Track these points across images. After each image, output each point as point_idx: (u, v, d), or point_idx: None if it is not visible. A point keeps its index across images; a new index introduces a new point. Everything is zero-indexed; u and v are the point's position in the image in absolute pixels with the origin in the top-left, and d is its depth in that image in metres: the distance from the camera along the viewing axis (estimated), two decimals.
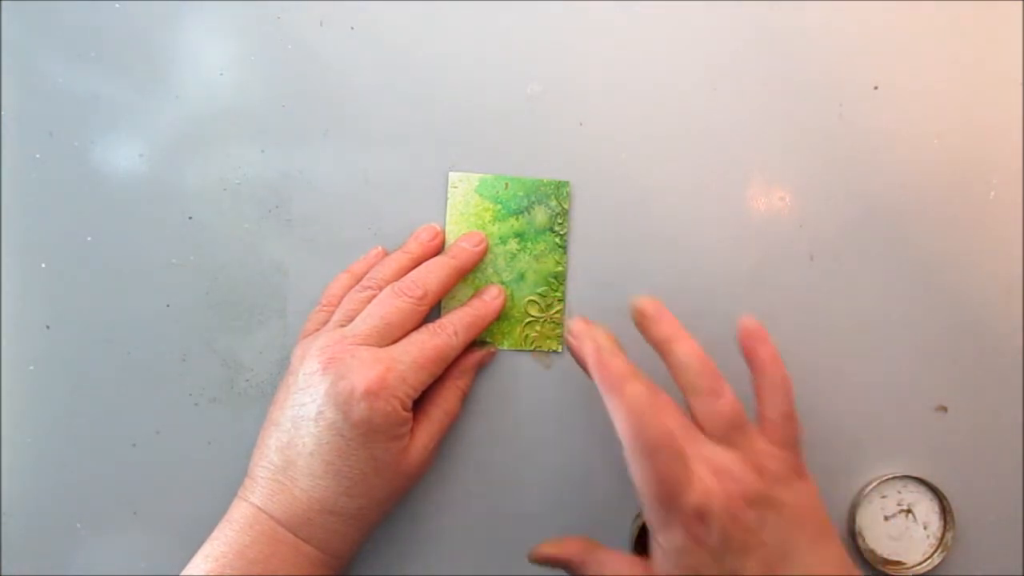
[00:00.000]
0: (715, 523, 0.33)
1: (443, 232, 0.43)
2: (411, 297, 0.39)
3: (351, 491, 0.37)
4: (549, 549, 0.38)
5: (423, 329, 0.40)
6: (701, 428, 0.36)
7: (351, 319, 0.40)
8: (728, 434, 0.36)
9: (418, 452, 0.39)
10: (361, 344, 0.38)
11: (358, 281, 0.42)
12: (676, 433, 0.35)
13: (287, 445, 0.37)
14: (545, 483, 0.43)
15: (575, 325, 0.37)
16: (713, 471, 0.35)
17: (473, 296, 0.43)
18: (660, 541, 0.35)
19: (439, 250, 0.43)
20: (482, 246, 0.43)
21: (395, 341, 0.39)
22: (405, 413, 0.38)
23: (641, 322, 0.38)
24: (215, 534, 0.37)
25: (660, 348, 0.38)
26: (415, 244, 0.42)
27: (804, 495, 0.36)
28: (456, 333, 0.40)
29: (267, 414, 0.39)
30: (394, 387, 0.37)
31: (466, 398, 0.43)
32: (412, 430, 0.39)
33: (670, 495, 0.33)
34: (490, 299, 0.42)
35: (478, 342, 0.43)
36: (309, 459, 0.37)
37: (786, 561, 0.34)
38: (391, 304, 0.39)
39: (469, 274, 0.43)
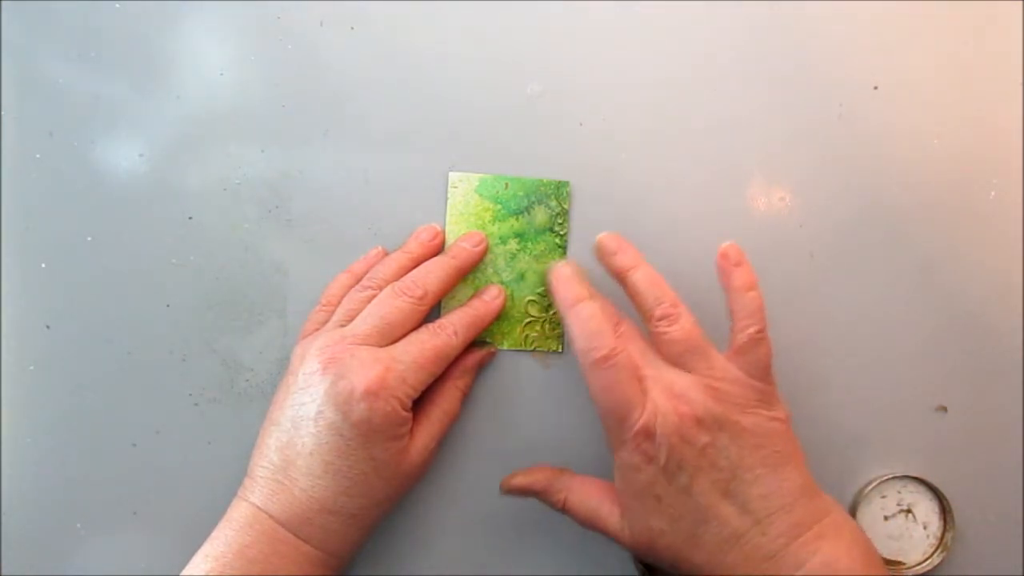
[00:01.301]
0: (662, 441, 0.35)
1: (443, 232, 0.43)
2: (411, 297, 0.40)
3: (350, 491, 0.37)
4: (519, 479, 0.40)
5: (423, 329, 0.40)
6: (660, 353, 0.38)
7: (351, 319, 0.40)
8: (685, 358, 0.37)
9: (418, 452, 0.39)
10: (361, 344, 0.38)
11: (358, 281, 0.42)
12: (633, 356, 0.37)
13: (287, 445, 0.37)
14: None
15: (549, 270, 0.40)
16: (666, 393, 0.36)
17: (473, 296, 0.43)
18: (616, 461, 0.37)
19: (439, 250, 0.43)
20: (482, 246, 0.43)
21: (395, 341, 0.39)
22: (405, 413, 0.38)
23: (602, 256, 0.40)
24: (215, 534, 0.37)
25: (620, 278, 0.39)
26: (415, 244, 0.42)
27: (766, 420, 0.36)
28: (456, 333, 0.40)
29: (267, 414, 0.39)
30: (394, 387, 0.37)
31: (466, 398, 0.43)
32: (412, 430, 0.39)
33: (622, 413, 0.35)
34: (490, 299, 0.42)
35: (478, 342, 0.43)
36: (309, 459, 0.37)
37: (739, 483, 0.35)
38: (391, 304, 0.39)
39: (469, 274, 0.43)
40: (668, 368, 0.37)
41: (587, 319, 0.37)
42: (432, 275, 0.41)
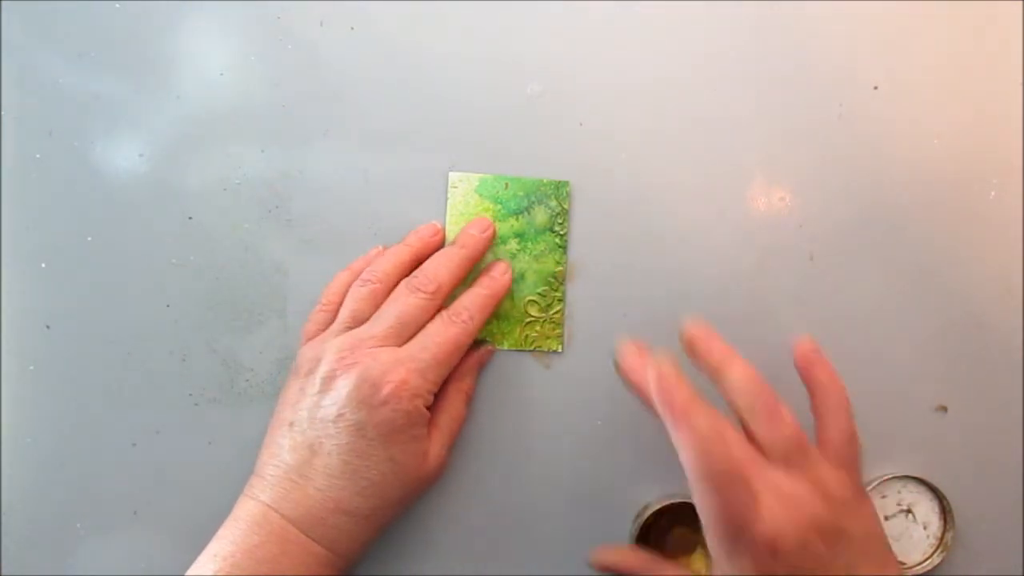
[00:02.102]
0: (786, 554, 0.33)
1: (443, 230, 0.43)
2: (425, 293, 0.40)
3: (366, 491, 0.37)
4: (612, 557, 0.39)
5: (438, 319, 0.40)
6: (762, 453, 0.35)
7: (357, 318, 0.40)
8: (791, 458, 0.35)
9: (432, 459, 0.39)
10: (380, 346, 0.38)
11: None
12: (742, 462, 0.34)
13: (302, 445, 0.37)
14: (546, 483, 0.43)
15: (627, 353, 0.37)
16: (780, 499, 0.33)
17: (480, 275, 0.43)
18: (722, 567, 0.34)
19: (439, 247, 0.43)
20: (490, 231, 0.43)
21: (412, 337, 0.39)
22: (426, 412, 0.38)
23: (692, 349, 0.37)
24: (221, 532, 0.37)
25: (713, 374, 0.37)
26: (415, 238, 0.42)
27: (869, 520, 0.36)
28: (472, 317, 0.40)
29: (274, 414, 0.39)
30: (417, 387, 0.37)
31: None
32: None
33: (739, 526, 0.33)
34: (499, 275, 0.42)
35: (476, 341, 0.43)
36: (327, 459, 0.37)
37: None
38: (405, 302, 0.39)
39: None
40: (772, 469, 0.35)
41: (704, 437, 0.33)
42: (443, 268, 0.41)
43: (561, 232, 0.44)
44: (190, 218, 0.43)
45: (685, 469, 0.33)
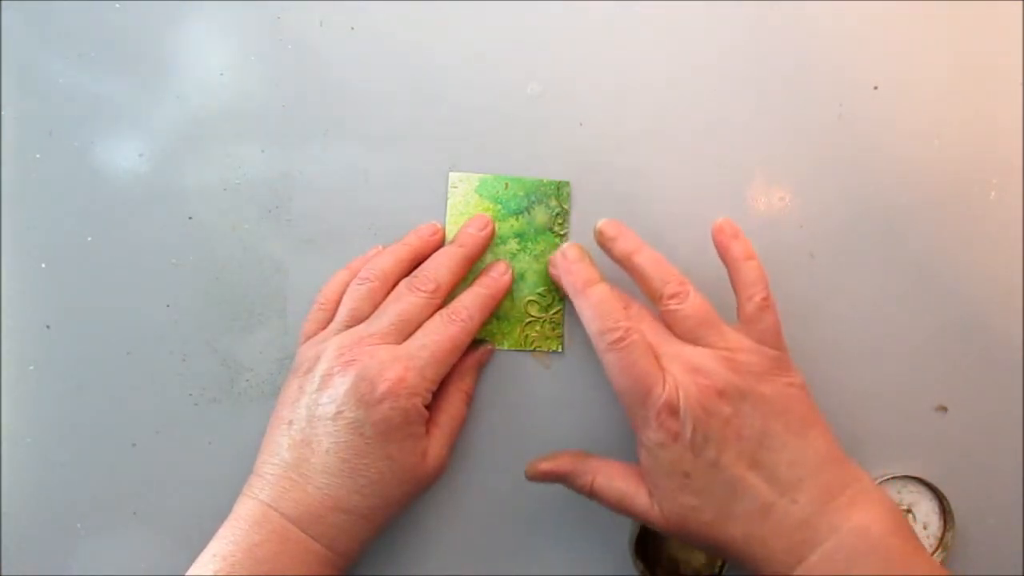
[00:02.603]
0: (687, 416, 0.35)
1: (443, 230, 0.43)
2: (424, 292, 0.40)
3: (365, 490, 0.37)
4: (545, 465, 0.40)
5: (436, 317, 0.40)
6: (672, 331, 0.38)
7: (356, 316, 0.40)
8: (698, 333, 0.37)
9: (431, 459, 0.39)
10: (379, 344, 0.38)
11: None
12: (647, 336, 0.37)
13: (301, 443, 0.37)
14: (545, 483, 0.43)
15: (554, 255, 0.41)
16: (685, 367, 0.36)
17: (480, 274, 0.43)
18: (642, 440, 0.37)
19: (439, 246, 0.43)
20: (488, 229, 0.43)
21: (411, 335, 0.39)
22: (424, 410, 0.38)
23: (604, 242, 0.40)
24: (221, 532, 0.37)
25: (624, 263, 0.40)
26: (414, 237, 0.43)
27: (784, 386, 0.37)
28: (471, 316, 0.40)
29: (273, 413, 0.39)
30: (415, 385, 0.37)
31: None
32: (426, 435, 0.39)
33: (642, 392, 0.36)
34: (498, 275, 0.42)
35: (475, 341, 0.43)
36: (325, 457, 0.37)
37: (765, 451, 0.35)
38: (405, 300, 0.40)
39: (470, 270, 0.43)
40: (683, 344, 0.37)
41: (599, 301, 0.37)
42: (443, 267, 0.41)
43: (561, 232, 0.44)
44: (190, 218, 0.43)
45: (593, 342, 0.37)
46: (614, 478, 0.38)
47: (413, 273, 0.41)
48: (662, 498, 0.36)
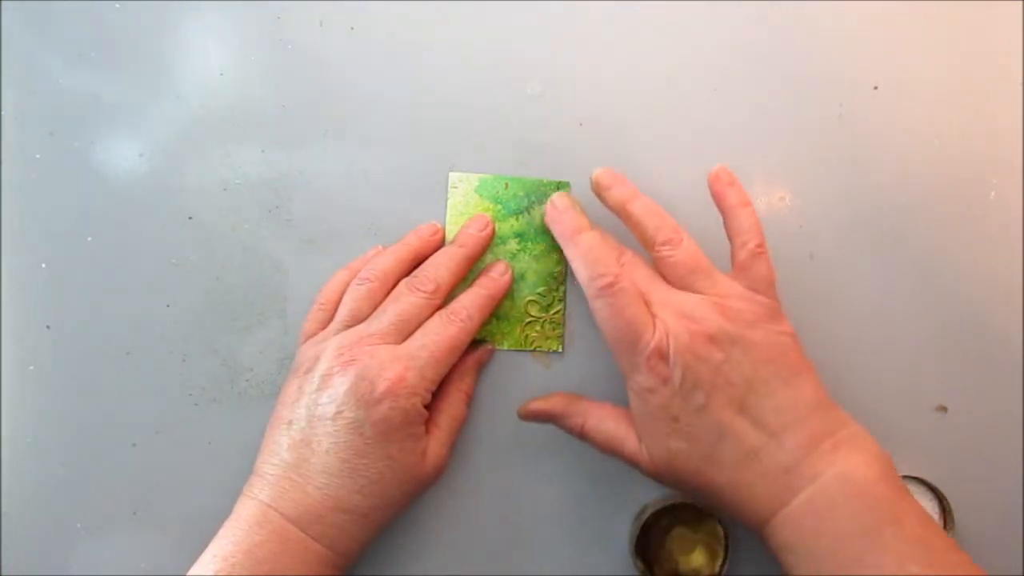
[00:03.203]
0: (676, 361, 0.35)
1: (443, 230, 0.43)
2: (424, 292, 0.40)
3: (365, 490, 0.37)
4: (537, 404, 0.40)
5: (436, 317, 0.40)
6: (664, 278, 0.38)
7: (356, 316, 0.40)
8: (690, 280, 0.37)
9: (431, 458, 0.39)
10: (379, 343, 0.38)
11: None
12: (639, 282, 0.37)
13: (301, 443, 0.37)
14: (545, 483, 0.43)
15: (546, 206, 0.41)
16: (676, 313, 0.36)
17: (480, 275, 0.43)
18: (631, 385, 0.37)
19: (439, 246, 0.43)
20: (488, 229, 0.43)
21: (411, 335, 0.39)
22: (423, 410, 0.38)
23: (599, 191, 0.41)
24: (222, 533, 0.37)
25: (619, 211, 0.40)
26: (414, 237, 0.43)
27: (775, 334, 0.37)
28: (470, 316, 0.40)
29: (273, 413, 0.39)
30: (414, 385, 0.37)
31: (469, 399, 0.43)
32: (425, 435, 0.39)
33: (633, 337, 0.36)
34: (498, 276, 0.42)
35: (475, 341, 0.43)
36: (325, 457, 0.37)
37: (754, 396, 0.35)
38: (405, 300, 0.40)
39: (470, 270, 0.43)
40: (674, 291, 0.38)
41: (589, 248, 0.38)
42: (443, 267, 0.41)
43: None
44: (190, 218, 0.43)
45: (583, 288, 0.37)
46: (605, 420, 0.39)
47: (413, 273, 0.41)
48: (651, 442, 0.36)
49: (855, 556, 0.33)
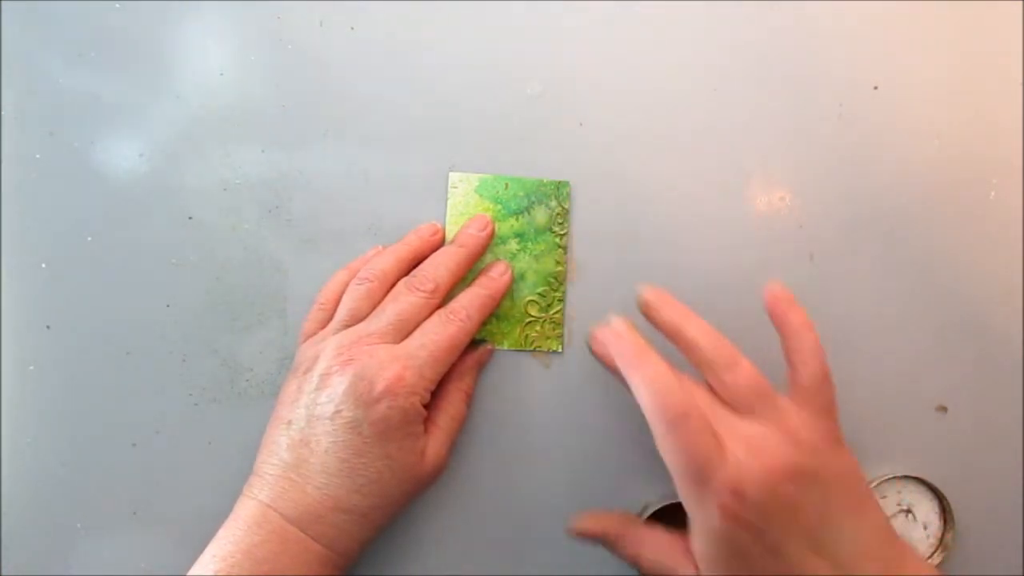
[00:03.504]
0: (753, 499, 0.32)
1: (443, 230, 0.43)
2: (423, 291, 0.40)
3: (363, 489, 0.37)
4: (588, 523, 0.39)
5: (435, 317, 0.40)
6: (725, 405, 0.36)
7: (355, 316, 0.40)
8: (755, 406, 0.35)
9: (430, 458, 0.39)
10: (378, 343, 0.38)
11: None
12: (704, 409, 0.34)
13: (300, 443, 0.37)
14: (546, 482, 0.43)
15: (595, 331, 0.38)
16: (746, 445, 0.33)
17: (480, 274, 0.43)
18: (696, 520, 0.34)
19: (439, 246, 0.43)
20: (488, 229, 0.43)
21: (409, 334, 0.39)
22: (422, 409, 0.38)
23: (647, 311, 0.38)
24: (221, 533, 0.37)
25: (670, 333, 0.37)
26: (415, 237, 0.43)
27: (843, 464, 0.35)
28: (470, 316, 0.40)
29: (273, 412, 0.39)
30: (413, 384, 0.37)
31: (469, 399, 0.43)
32: (424, 434, 0.39)
33: (702, 472, 0.32)
34: (497, 276, 0.42)
35: (475, 341, 0.43)
36: (324, 456, 0.37)
37: (827, 531, 0.33)
38: (404, 300, 0.40)
39: (469, 270, 0.43)
40: (740, 419, 0.35)
41: (655, 377, 0.34)
42: (442, 267, 0.41)
43: (561, 232, 0.44)
44: (190, 218, 0.43)
45: (647, 418, 0.33)
46: (660, 551, 0.36)
47: (412, 273, 0.41)
48: None
49: None
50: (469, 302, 0.41)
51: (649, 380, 0.34)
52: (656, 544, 0.37)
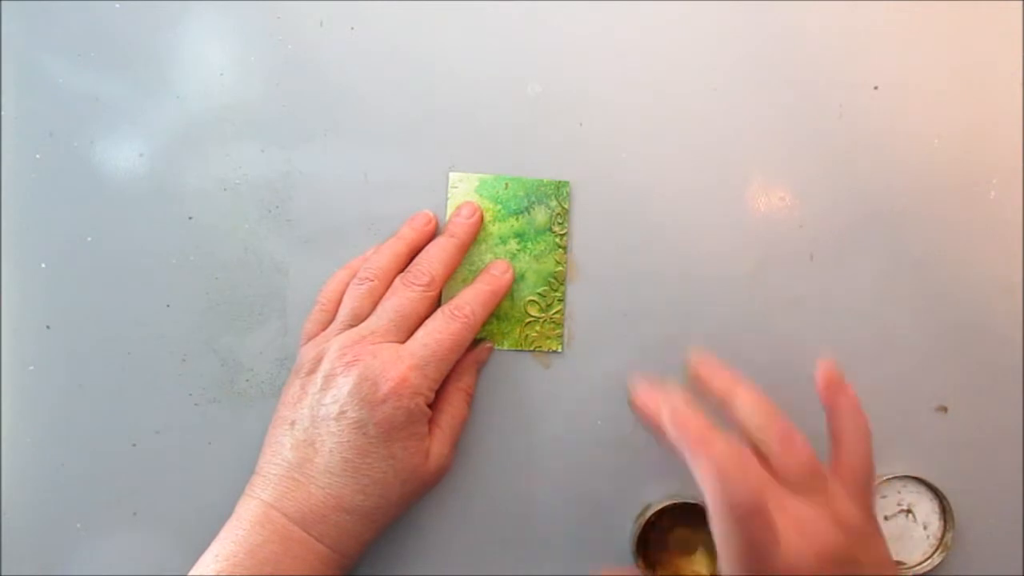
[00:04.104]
0: None
1: (436, 219, 0.43)
2: (419, 285, 0.40)
3: (367, 489, 0.37)
4: None
5: (438, 314, 0.40)
6: (777, 478, 0.35)
7: (357, 316, 0.40)
8: (807, 484, 0.35)
9: (434, 458, 0.39)
10: (381, 342, 0.38)
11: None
12: (761, 491, 0.33)
13: (304, 443, 0.37)
14: (546, 483, 0.43)
15: (640, 389, 0.36)
16: (798, 528, 0.33)
17: (482, 272, 0.43)
18: None
19: (434, 235, 0.43)
20: (477, 215, 0.43)
21: (412, 331, 0.39)
22: (427, 409, 0.38)
23: (698, 379, 0.38)
24: (223, 533, 0.37)
25: (722, 402, 0.37)
26: (409, 230, 0.43)
27: (880, 550, 0.35)
28: (473, 312, 0.40)
29: (275, 413, 0.39)
30: (417, 384, 0.37)
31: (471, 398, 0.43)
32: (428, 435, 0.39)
33: (760, 558, 0.32)
34: (500, 273, 0.42)
35: (474, 340, 0.43)
36: (328, 457, 0.37)
37: None
38: (401, 296, 0.40)
39: (470, 270, 0.43)
40: (789, 495, 0.35)
41: (723, 465, 0.32)
42: (436, 259, 0.41)
43: (561, 232, 0.44)
44: (190, 218, 0.43)
45: (707, 501, 0.32)
46: None
47: (407, 268, 0.41)
48: None
49: None
50: (473, 298, 0.41)
51: (718, 468, 0.32)
52: None
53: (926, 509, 0.43)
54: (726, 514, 0.32)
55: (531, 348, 0.43)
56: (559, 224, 0.44)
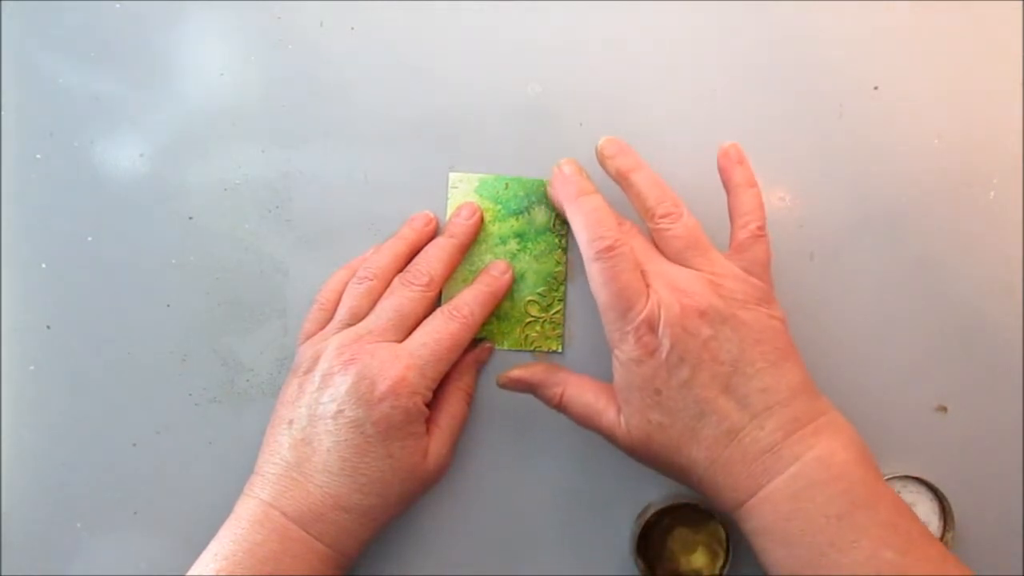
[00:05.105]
0: (665, 332, 0.35)
1: (436, 219, 0.43)
2: (418, 285, 0.40)
3: (365, 488, 0.37)
4: (516, 372, 0.40)
5: (438, 314, 0.40)
6: (661, 251, 0.38)
7: (355, 315, 0.40)
8: (687, 255, 0.37)
9: (433, 458, 0.39)
10: (379, 341, 0.38)
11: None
12: (636, 252, 0.37)
13: (302, 442, 0.37)
14: (547, 483, 0.43)
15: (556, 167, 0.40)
16: (669, 286, 0.36)
17: (481, 273, 0.43)
18: (616, 354, 0.36)
19: (433, 236, 0.43)
20: (476, 216, 0.43)
21: (410, 331, 0.39)
22: (425, 408, 0.38)
23: (603, 159, 0.40)
24: (222, 532, 0.37)
25: (621, 179, 0.39)
26: (409, 230, 0.43)
27: (765, 317, 0.36)
28: (472, 313, 0.40)
29: (274, 412, 0.39)
30: (415, 384, 0.37)
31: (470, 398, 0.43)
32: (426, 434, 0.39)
33: (625, 305, 0.35)
34: (499, 274, 0.42)
35: (474, 340, 0.43)
36: (326, 456, 0.37)
37: (739, 376, 0.35)
38: (400, 295, 0.40)
39: (469, 266, 0.43)
40: (670, 264, 0.37)
41: (591, 210, 0.37)
42: (434, 259, 0.41)
43: (561, 232, 0.44)
44: (190, 218, 0.43)
45: (582, 253, 0.37)
46: (584, 392, 0.38)
47: (406, 268, 0.41)
48: (631, 414, 0.36)
49: (829, 539, 0.33)
50: (472, 299, 0.41)
51: (586, 213, 0.37)
52: (580, 385, 0.39)
53: (926, 509, 0.43)
54: (592, 254, 0.36)
55: (531, 348, 0.43)
56: (559, 224, 0.44)
